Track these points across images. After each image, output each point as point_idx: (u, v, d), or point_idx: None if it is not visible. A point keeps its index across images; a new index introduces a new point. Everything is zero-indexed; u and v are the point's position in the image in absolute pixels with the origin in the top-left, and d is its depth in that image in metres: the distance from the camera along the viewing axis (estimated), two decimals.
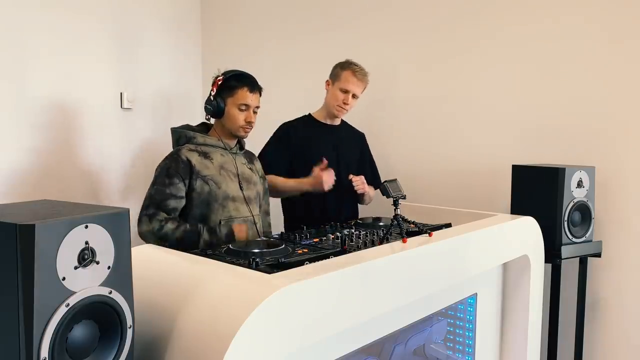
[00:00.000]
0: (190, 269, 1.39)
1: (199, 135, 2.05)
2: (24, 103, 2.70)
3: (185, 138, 2.05)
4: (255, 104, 2.06)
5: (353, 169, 2.50)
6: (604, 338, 2.46)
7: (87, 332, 0.98)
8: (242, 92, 2.03)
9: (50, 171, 2.82)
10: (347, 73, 2.42)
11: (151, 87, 3.33)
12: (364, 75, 2.44)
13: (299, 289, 1.19)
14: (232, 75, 2.05)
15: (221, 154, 2.06)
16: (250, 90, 2.04)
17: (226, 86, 2.03)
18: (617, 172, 2.38)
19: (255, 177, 2.17)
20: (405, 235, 1.69)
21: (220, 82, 2.03)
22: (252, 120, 2.06)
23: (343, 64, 2.47)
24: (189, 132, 2.06)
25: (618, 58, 2.35)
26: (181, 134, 2.06)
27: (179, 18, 3.55)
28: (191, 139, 2.04)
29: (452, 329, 2.09)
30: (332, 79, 2.49)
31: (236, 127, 2.05)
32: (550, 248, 2.20)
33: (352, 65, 2.44)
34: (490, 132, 2.68)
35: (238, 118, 2.04)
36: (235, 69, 2.09)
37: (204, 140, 2.05)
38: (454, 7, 2.76)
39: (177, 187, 1.93)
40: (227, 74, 2.06)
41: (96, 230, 0.98)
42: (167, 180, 1.93)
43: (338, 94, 2.44)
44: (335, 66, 2.49)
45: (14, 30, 2.64)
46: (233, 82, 2.04)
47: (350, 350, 1.46)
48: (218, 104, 2.03)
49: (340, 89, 2.43)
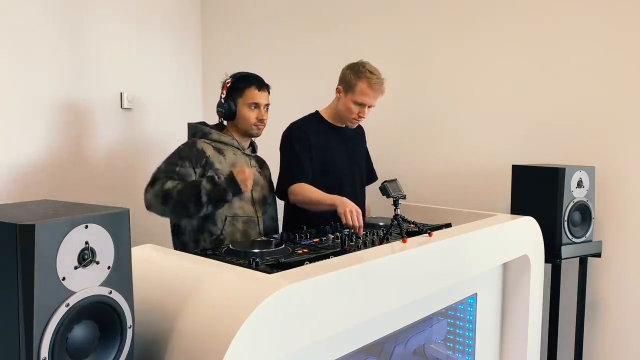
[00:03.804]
0: (190, 269, 1.39)
1: (215, 132, 2.11)
2: (23, 103, 2.70)
3: (201, 133, 2.10)
4: (264, 101, 2.12)
5: (363, 167, 2.48)
6: (604, 338, 2.46)
7: (87, 332, 0.98)
8: (250, 91, 2.09)
9: (50, 171, 2.82)
10: (362, 85, 2.18)
11: (151, 87, 3.33)
12: (380, 85, 2.21)
13: (299, 289, 1.19)
14: (239, 77, 2.12)
15: (234, 153, 2.11)
16: (258, 88, 2.10)
17: (235, 88, 2.10)
18: (617, 172, 2.38)
19: (264, 182, 2.21)
20: (405, 235, 1.69)
21: (229, 85, 2.10)
22: (264, 118, 2.13)
23: (357, 70, 2.21)
24: (205, 127, 2.12)
25: (618, 58, 2.35)
26: (197, 128, 2.12)
27: (179, 18, 3.55)
28: (207, 135, 2.10)
29: (452, 329, 2.09)
30: (344, 87, 2.25)
31: (249, 126, 2.11)
32: (550, 248, 2.20)
33: (368, 74, 2.18)
34: (490, 132, 2.68)
35: (250, 117, 2.10)
36: (242, 71, 2.16)
37: (219, 137, 2.10)
38: (454, 7, 2.76)
39: (187, 170, 1.97)
40: (234, 76, 2.13)
41: (96, 230, 0.98)
42: (178, 161, 1.98)
43: (352, 107, 2.22)
44: (347, 71, 2.24)
45: (14, 29, 2.64)
46: (240, 83, 2.10)
47: (350, 350, 1.46)
48: (229, 106, 2.09)
49: (354, 101, 2.21)
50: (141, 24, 3.28)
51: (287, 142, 2.31)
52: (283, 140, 2.34)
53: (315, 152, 2.27)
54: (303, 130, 2.30)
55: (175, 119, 3.37)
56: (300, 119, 2.40)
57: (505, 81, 2.63)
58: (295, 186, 2.17)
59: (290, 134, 2.32)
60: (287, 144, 2.30)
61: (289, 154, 2.28)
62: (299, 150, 2.24)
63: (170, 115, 3.44)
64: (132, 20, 3.22)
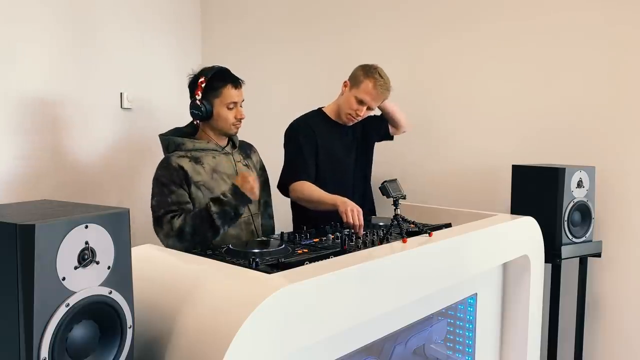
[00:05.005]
0: (190, 269, 1.39)
1: (188, 141, 2.00)
2: (23, 103, 2.70)
3: (174, 145, 2.00)
4: (241, 99, 2.02)
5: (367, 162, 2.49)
6: (604, 338, 2.46)
7: (87, 332, 0.98)
8: (227, 90, 1.97)
9: (50, 171, 2.82)
10: (367, 83, 2.22)
11: (151, 87, 3.33)
12: (385, 89, 2.24)
13: (299, 289, 1.19)
14: (213, 75, 1.98)
15: (213, 157, 2.01)
16: (234, 86, 1.99)
17: (210, 87, 1.97)
18: (617, 172, 2.38)
19: (253, 172, 2.12)
20: (405, 235, 1.69)
21: (203, 85, 1.97)
22: (242, 117, 2.02)
23: (367, 70, 2.24)
24: (177, 138, 2.01)
25: (618, 58, 2.35)
26: (170, 141, 2.01)
27: (179, 18, 3.55)
28: (180, 146, 1.98)
29: (452, 329, 2.09)
30: (351, 82, 2.28)
31: (228, 126, 2.01)
32: (550, 248, 2.20)
33: (376, 75, 2.22)
34: (490, 132, 2.68)
35: (228, 117, 1.99)
36: (212, 66, 2.03)
37: (194, 145, 1.99)
38: (454, 7, 2.76)
39: (177, 193, 1.89)
40: (207, 74, 1.99)
41: (96, 230, 0.98)
42: (164, 189, 1.89)
43: (352, 102, 2.25)
44: (359, 68, 2.28)
45: (15, 28, 2.64)
46: (216, 82, 1.98)
47: (350, 350, 1.45)
48: (206, 107, 1.97)
49: (356, 97, 2.24)
50: (141, 24, 3.28)
51: (292, 138, 2.31)
52: (287, 136, 2.34)
53: (319, 149, 2.29)
54: (309, 126, 2.31)
55: (175, 119, 3.35)
56: (303, 115, 2.41)
57: (505, 81, 2.63)
58: (297, 184, 2.17)
59: (295, 129, 2.33)
60: (293, 139, 2.30)
61: (293, 149, 2.28)
62: (304, 147, 2.25)
63: (170, 116, 3.43)
64: (133, 20, 3.22)
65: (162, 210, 1.87)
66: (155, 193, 1.91)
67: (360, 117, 2.31)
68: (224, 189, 1.91)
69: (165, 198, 1.88)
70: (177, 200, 1.88)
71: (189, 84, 2.04)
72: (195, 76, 2.02)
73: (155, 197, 1.90)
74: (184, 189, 1.90)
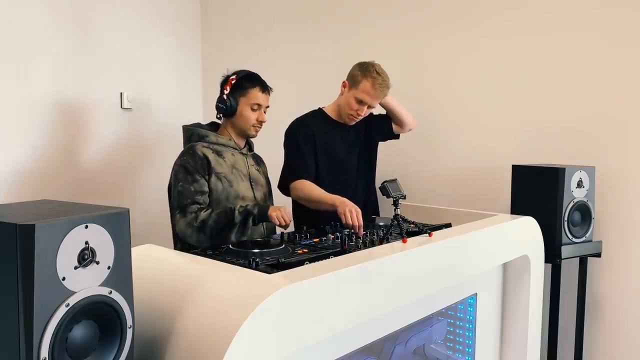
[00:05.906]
0: (190, 269, 1.39)
1: (212, 134, 2.09)
2: (23, 102, 2.70)
3: (197, 136, 2.08)
4: (266, 103, 2.12)
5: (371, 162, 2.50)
6: (604, 338, 2.46)
7: (87, 332, 0.98)
8: (254, 91, 2.08)
9: (50, 171, 2.82)
10: (366, 83, 2.21)
11: (151, 87, 3.33)
12: (384, 87, 2.23)
13: (299, 289, 1.19)
14: (245, 76, 2.09)
15: (232, 154, 2.10)
16: (262, 90, 2.09)
17: (239, 86, 2.07)
18: (617, 172, 2.38)
19: (263, 179, 2.22)
20: (405, 235, 1.69)
21: (233, 82, 2.07)
22: (263, 120, 2.12)
23: (365, 68, 2.23)
24: (201, 130, 2.10)
25: (618, 58, 2.35)
26: (193, 131, 2.09)
27: (179, 18, 3.55)
28: (203, 137, 2.07)
29: (452, 329, 2.09)
30: (349, 82, 2.27)
31: (248, 126, 2.10)
32: (550, 248, 2.20)
33: (374, 74, 2.20)
34: (490, 132, 2.68)
35: (250, 117, 2.08)
36: (245, 69, 2.13)
37: (217, 139, 2.08)
38: (454, 6, 2.76)
39: (200, 183, 1.97)
40: (239, 74, 2.10)
41: (96, 230, 0.98)
42: (189, 177, 1.96)
43: (352, 102, 2.25)
44: (357, 67, 2.27)
45: (15, 29, 2.64)
46: (246, 82, 2.08)
47: (350, 350, 1.46)
48: (231, 103, 2.06)
49: (356, 97, 2.23)
50: (141, 24, 3.28)
51: (291, 138, 2.32)
52: (287, 135, 2.35)
53: (319, 148, 2.29)
54: (308, 126, 2.32)
55: (175, 119, 3.37)
56: (304, 115, 2.41)
57: (505, 81, 2.63)
58: (297, 183, 2.19)
59: (295, 129, 2.34)
60: (292, 139, 2.32)
61: (293, 149, 2.29)
62: (303, 146, 2.27)
63: (170, 115, 3.44)
64: (133, 20, 3.22)
65: (189, 199, 1.94)
66: (180, 179, 1.97)
67: (362, 116, 2.31)
68: (242, 186, 2.04)
69: (189, 186, 1.96)
70: (200, 189, 1.96)
71: (221, 82, 2.13)
72: (228, 75, 2.12)
73: (181, 183, 1.96)
74: (205, 179, 1.98)
